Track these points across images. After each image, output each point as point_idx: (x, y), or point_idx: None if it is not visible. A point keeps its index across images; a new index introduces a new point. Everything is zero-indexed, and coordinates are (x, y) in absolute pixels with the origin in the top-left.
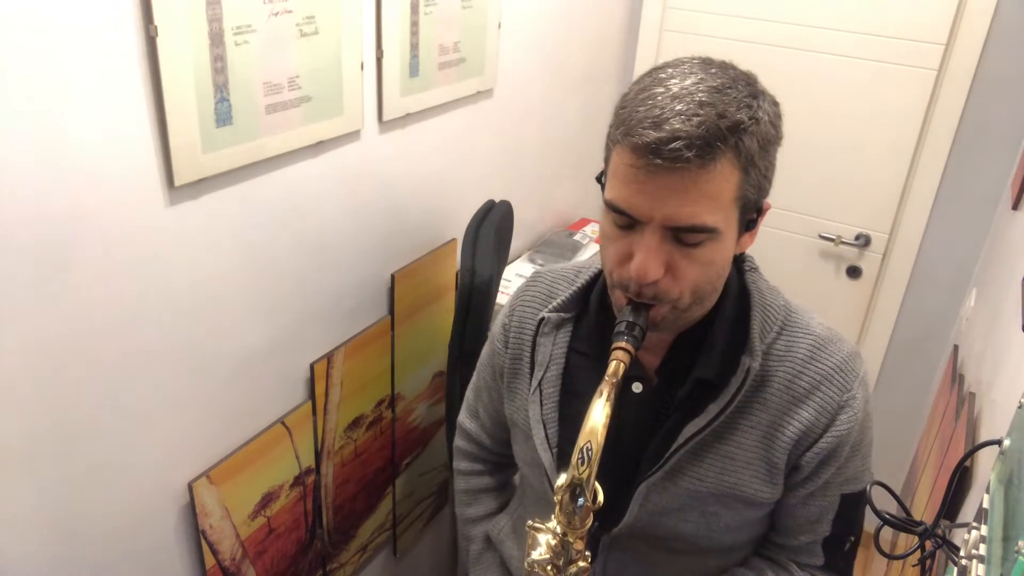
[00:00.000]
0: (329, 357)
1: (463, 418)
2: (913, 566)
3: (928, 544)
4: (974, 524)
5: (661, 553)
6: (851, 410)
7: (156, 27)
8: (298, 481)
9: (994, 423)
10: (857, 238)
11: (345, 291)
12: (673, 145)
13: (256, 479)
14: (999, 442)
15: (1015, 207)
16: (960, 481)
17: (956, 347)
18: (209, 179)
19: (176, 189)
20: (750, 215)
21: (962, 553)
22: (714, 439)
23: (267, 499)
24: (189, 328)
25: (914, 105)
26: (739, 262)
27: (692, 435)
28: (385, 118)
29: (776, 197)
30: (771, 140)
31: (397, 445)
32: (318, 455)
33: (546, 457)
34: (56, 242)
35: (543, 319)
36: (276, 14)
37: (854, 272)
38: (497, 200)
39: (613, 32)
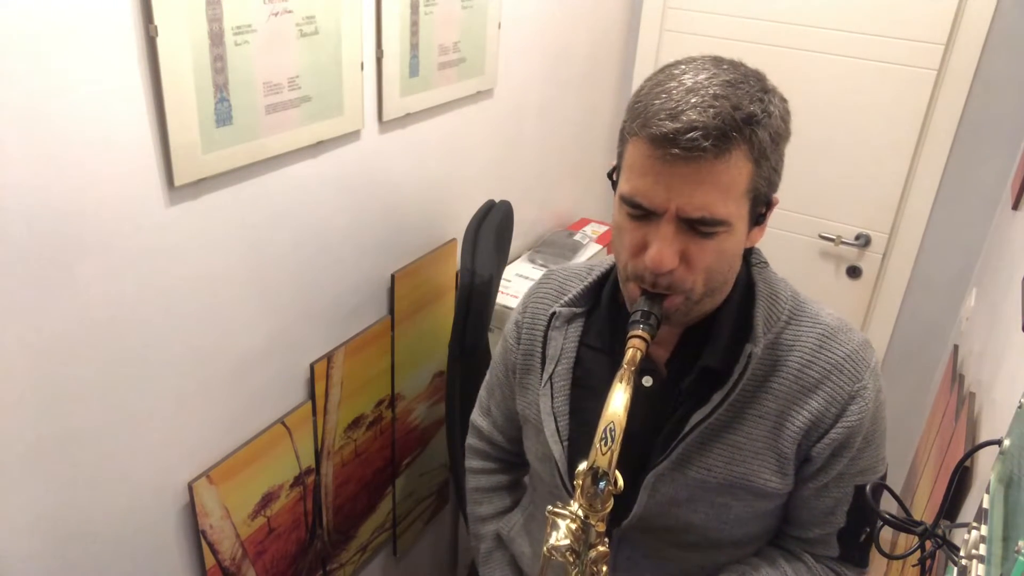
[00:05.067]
0: (329, 357)
1: (476, 416)
2: (913, 566)
3: (928, 544)
4: (974, 524)
5: (672, 548)
6: (862, 400)
7: (156, 27)
8: (298, 481)
9: (994, 423)
10: (857, 238)
11: (345, 291)
12: (690, 135)
13: (256, 479)
14: (999, 442)
15: (1015, 207)
16: (960, 481)
17: (956, 347)
18: (209, 179)
19: (176, 189)
20: (760, 209)
21: (962, 553)
22: (722, 429)
23: (267, 499)
24: (189, 328)
25: (914, 105)
26: (748, 257)
27: (697, 423)
28: (385, 118)
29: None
30: (781, 135)
31: (397, 445)
32: (318, 455)
33: (557, 450)
34: (56, 242)
35: (555, 313)
36: (276, 14)
37: (854, 272)
38: (497, 200)
39: (613, 32)
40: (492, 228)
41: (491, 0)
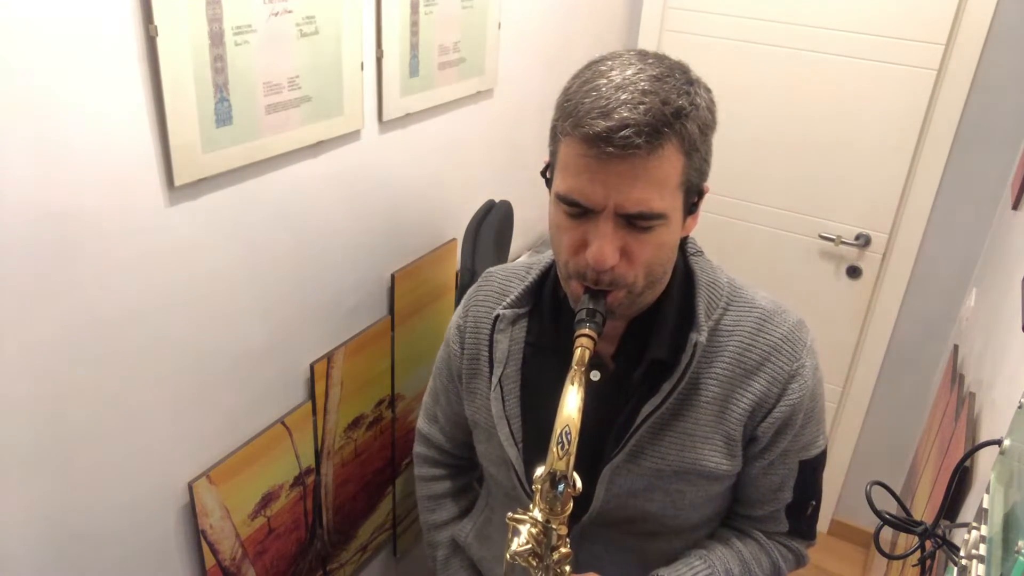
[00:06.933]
0: (329, 357)
1: (421, 424)
2: (913, 566)
3: (928, 544)
4: (974, 524)
5: (632, 539)
6: (801, 378)
7: (156, 27)
8: (298, 481)
9: (994, 423)
10: (857, 238)
11: (345, 291)
12: (623, 133)
13: (256, 479)
14: (999, 442)
15: (1015, 207)
16: (960, 481)
17: (956, 347)
18: (209, 179)
19: (176, 189)
20: (692, 199)
21: (962, 553)
22: (672, 417)
23: (267, 499)
24: (189, 328)
25: (914, 105)
26: (683, 246)
27: (649, 414)
28: (385, 118)
29: (776, 197)
30: (709, 125)
31: (397, 445)
32: (318, 455)
33: (512, 452)
34: (56, 242)
35: (498, 315)
36: (276, 14)
37: (854, 272)
38: (497, 200)
39: (613, 32)
40: (492, 228)
41: (491, 0)
